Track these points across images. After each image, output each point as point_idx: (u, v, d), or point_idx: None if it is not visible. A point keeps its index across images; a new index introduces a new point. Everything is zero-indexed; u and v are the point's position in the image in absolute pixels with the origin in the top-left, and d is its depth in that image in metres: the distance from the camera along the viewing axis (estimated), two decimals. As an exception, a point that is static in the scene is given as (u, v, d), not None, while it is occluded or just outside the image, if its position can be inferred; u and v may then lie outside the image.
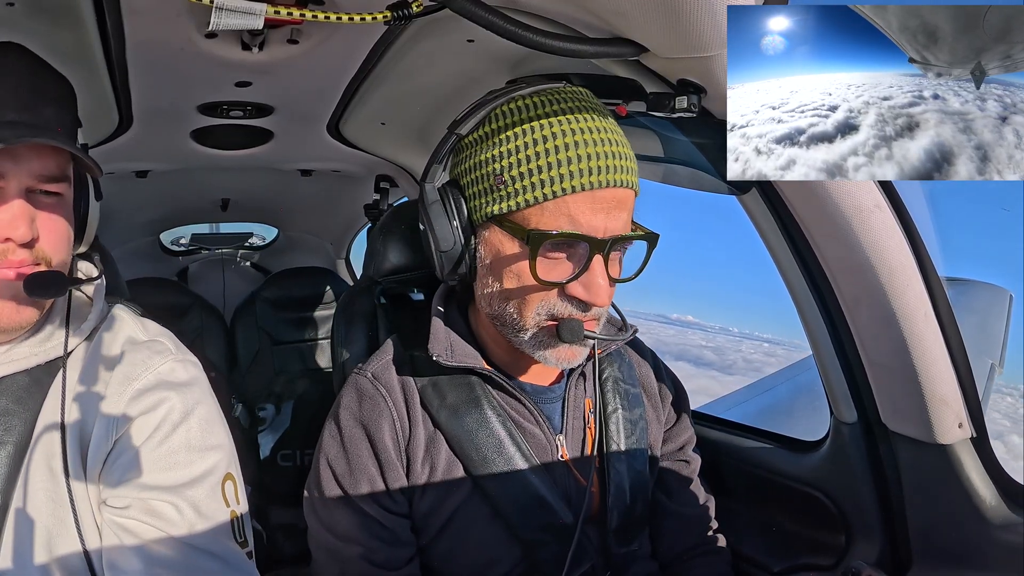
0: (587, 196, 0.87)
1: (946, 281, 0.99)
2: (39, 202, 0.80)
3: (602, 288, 0.89)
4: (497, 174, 0.90)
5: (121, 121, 1.50)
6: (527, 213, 0.89)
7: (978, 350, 2.89)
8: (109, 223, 2.48)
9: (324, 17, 0.80)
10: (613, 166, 0.88)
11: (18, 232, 0.76)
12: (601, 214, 0.88)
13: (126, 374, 0.88)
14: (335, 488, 1.00)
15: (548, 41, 0.81)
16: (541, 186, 0.87)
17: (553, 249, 0.89)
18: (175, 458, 0.86)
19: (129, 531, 0.83)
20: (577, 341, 0.91)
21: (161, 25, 1.02)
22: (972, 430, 1.03)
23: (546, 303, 0.91)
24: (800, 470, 1.27)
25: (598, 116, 0.91)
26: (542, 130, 0.88)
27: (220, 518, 0.88)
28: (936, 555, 1.07)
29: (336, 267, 3.16)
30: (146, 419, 0.87)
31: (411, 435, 0.99)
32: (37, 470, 0.82)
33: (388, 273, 1.30)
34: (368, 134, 1.77)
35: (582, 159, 0.86)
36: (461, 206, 0.95)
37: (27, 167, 0.78)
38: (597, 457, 1.06)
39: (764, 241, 1.13)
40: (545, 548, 1.00)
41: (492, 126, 0.92)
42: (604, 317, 0.98)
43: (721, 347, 31.52)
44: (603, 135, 0.89)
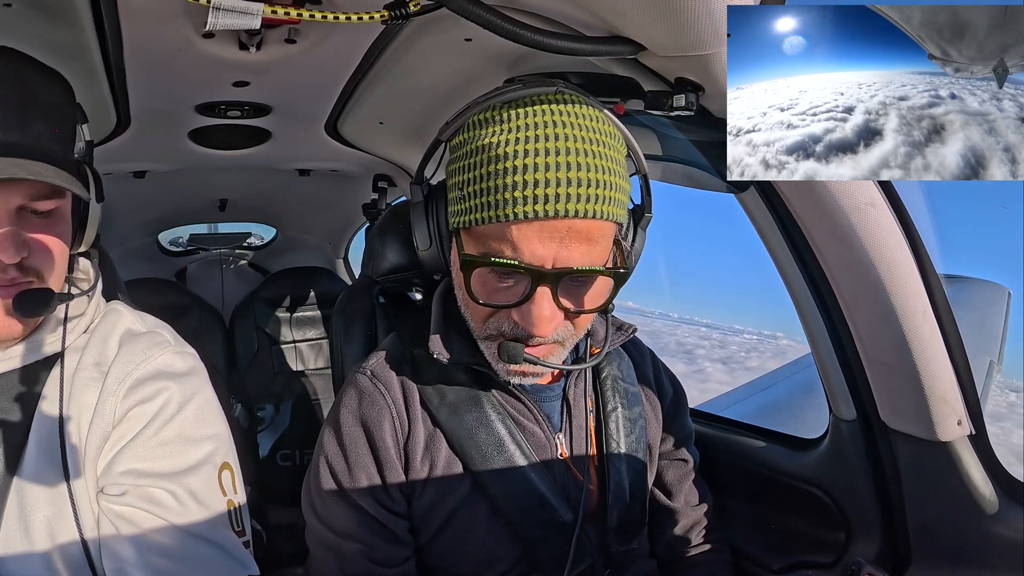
0: (534, 225, 0.81)
1: (945, 278, 1.00)
2: (32, 220, 0.79)
3: (542, 320, 0.84)
4: (459, 187, 0.88)
5: (119, 122, 1.50)
6: (477, 231, 0.86)
7: (977, 347, 2.89)
8: (107, 224, 2.47)
9: (321, 17, 0.80)
10: (570, 194, 0.79)
11: (6, 254, 0.76)
12: (551, 244, 0.82)
13: (125, 364, 0.89)
14: (334, 485, 1.00)
15: (546, 40, 0.81)
16: (485, 208, 0.83)
17: (500, 271, 0.86)
18: (172, 446, 0.87)
19: (126, 518, 0.83)
20: (515, 363, 0.90)
21: (158, 25, 1.01)
22: (971, 427, 1.03)
23: (496, 320, 0.91)
24: (799, 468, 1.27)
25: (574, 135, 0.82)
26: (496, 148, 0.83)
27: (217, 506, 0.89)
28: (935, 552, 1.07)
29: (335, 267, 3.16)
30: (144, 408, 0.87)
31: (410, 433, 0.99)
32: (36, 463, 0.82)
33: (386, 272, 1.30)
34: (366, 133, 1.77)
35: (529, 185, 0.80)
36: (441, 209, 0.95)
37: (17, 189, 0.76)
38: (596, 456, 1.07)
39: (763, 239, 1.13)
40: (545, 546, 1.00)
41: (465, 135, 0.89)
42: (572, 340, 0.94)
43: (657, 331, 32.15)
44: (568, 158, 0.80)
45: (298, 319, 2.76)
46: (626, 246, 0.95)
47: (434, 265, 0.98)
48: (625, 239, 0.95)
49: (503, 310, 0.89)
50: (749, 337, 37.11)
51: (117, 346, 0.91)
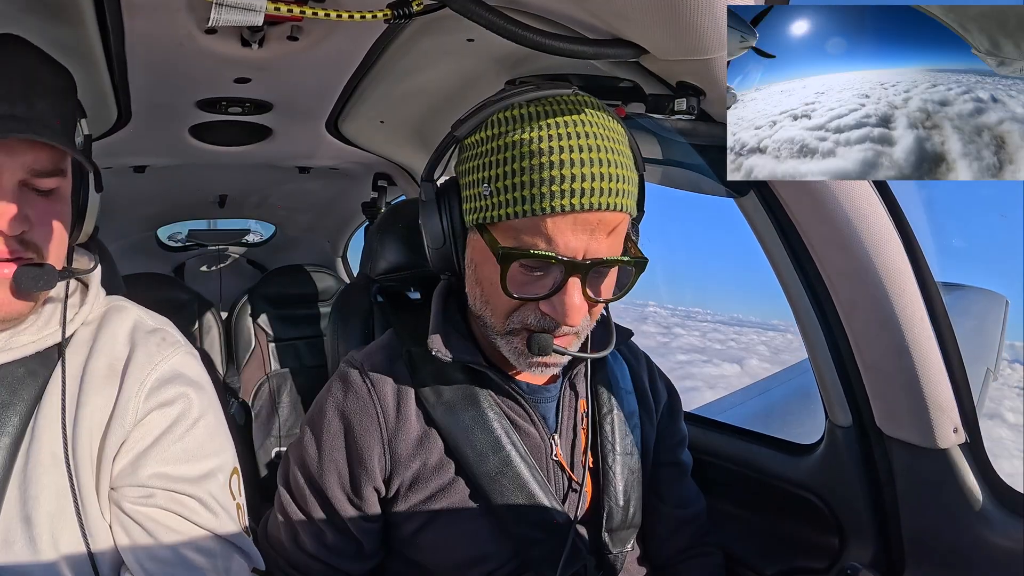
0: (568, 218, 0.85)
1: (942, 286, 1.00)
2: (33, 196, 0.80)
3: (574, 309, 0.87)
4: (484, 183, 0.89)
5: (120, 116, 1.50)
6: (507, 225, 0.88)
7: (973, 355, 2.90)
8: (106, 217, 2.47)
9: (324, 14, 0.80)
10: (601, 188, 0.84)
11: (9, 225, 0.77)
12: (583, 236, 0.86)
13: (144, 365, 0.89)
14: (306, 471, 1.02)
15: (548, 41, 0.81)
16: (521, 203, 0.85)
17: (530, 265, 0.88)
18: (195, 452, 0.89)
19: (154, 519, 0.85)
20: (545, 355, 0.92)
21: (161, 20, 1.01)
22: (966, 435, 1.03)
23: (520, 313, 0.92)
24: (794, 473, 1.27)
25: (597, 133, 0.86)
26: (530, 144, 0.85)
27: (231, 509, 0.92)
28: (929, 559, 1.07)
29: (333, 265, 3.16)
30: (165, 411, 0.89)
31: (398, 430, 0.99)
32: (40, 459, 0.82)
33: (385, 271, 1.30)
34: (367, 132, 1.77)
35: (566, 179, 0.83)
36: (455, 207, 0.96)
37: (20, 160, 0.77)
38: (591, 458, 1.07)
39: (761, 244, 1.13)
40: (538, 546, 1.00)
41: (487, 132, 0.90)
42: (586, 331, 0.97)
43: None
44: (597, 155, 0.85)
45: (295, 316, 2.75)
46: (633, 239, 0.96)
47: (443, 264, 0.98)
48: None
49: (528, 304, 0.91)
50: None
51: (129, 344, 0.91)
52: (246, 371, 2.64)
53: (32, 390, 0.84)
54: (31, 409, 0.83)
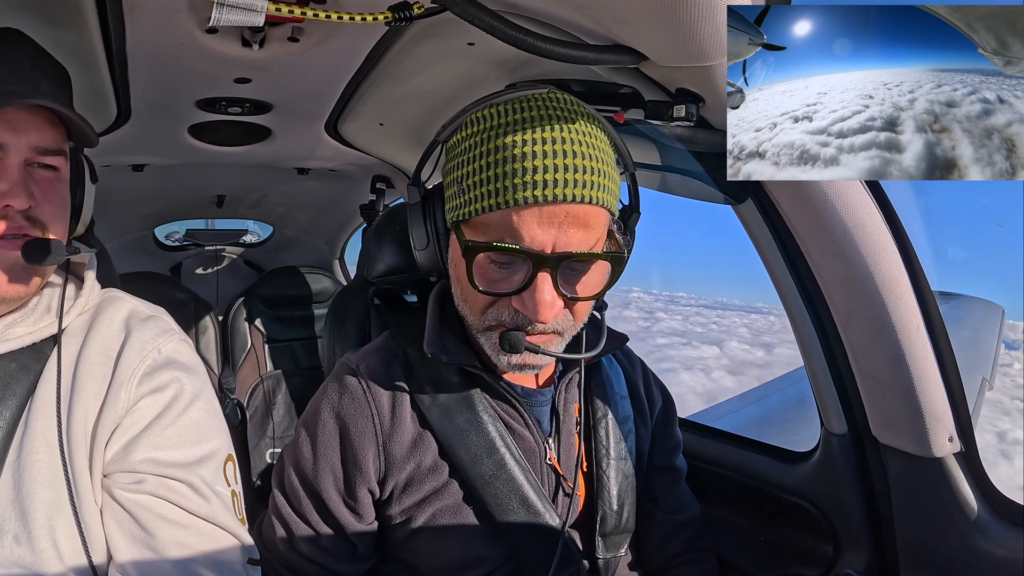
0: (534, 210, 0.84)
1: (939, 295, 1.00)
2: (38, 175, 0.83)
3: (544, 305, 0.86)
4: (458, 181, 0.90)
5: (119, 114, 1.50)
6: (478, 221, 0.88)
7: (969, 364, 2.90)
8: (104, 215, 2.47)
9: (325, 16, 0.80)
10: (566, 180, 0.83)
11: (17, 199, 0.79)
12: (551, 229, 0.85)
13: (137, 352, 0.90)
14: (301, 472, 1.02)
15: (548, 46, 0.81)
16: (488, 197, 0.86)
17: (499, 259, 0.88)
18: (187, 437, 0.89)
19: (144, 506, 0.85)
20: (517, 352, 0.91)
21: (162, 20, 1.01)
22: (962, 444, 1.03)
23: (495, 310, 0.92)
24: (789, 480, 1.27)
25: (570, 127, 0.86)
26: (498, 139, 0.86)
27: (225, 496, 0.91)
28: (924, 567, 1.07)
29: (331, 267, 3.16)
30: (157, 397, 0.89)
31: (393, 432, 0.99)
32: (35, 446, 0.82)
33: (382, 274, 1.30)
34: (366, 134, 1.77)
35: (528, 171, 0.83)
36: (438, 208, 0.97)
37: (26, 138, 0.81)
38: (585, 462, 1.07)
39: (759, 251, 1.14)
40: (531, 550, 1.00)
41: (463, 133, 0.92)
42: (571, 332, 0.96)
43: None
44: (562, 147, 0.84)
45: (292, 318, 2.75)
46: (619, 238, 0.96)
47: (430, 265, 0.99)
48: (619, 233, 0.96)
49: (502, 300, 0.90)
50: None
51: (124, 331, 0.92)
52: (241, 372, 2.63)
53: (25, 384, 0.84)
54: (23, 402, 0.84)
